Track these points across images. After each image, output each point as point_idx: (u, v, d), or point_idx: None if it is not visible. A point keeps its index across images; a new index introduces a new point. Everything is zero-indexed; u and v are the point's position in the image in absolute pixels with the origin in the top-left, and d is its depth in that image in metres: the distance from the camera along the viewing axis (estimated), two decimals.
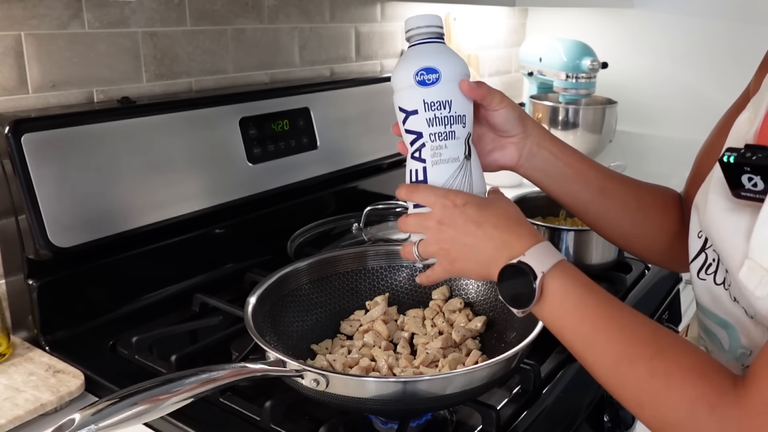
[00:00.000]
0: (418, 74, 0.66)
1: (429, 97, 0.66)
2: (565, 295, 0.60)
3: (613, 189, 0.78)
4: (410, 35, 0.69)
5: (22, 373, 0.83)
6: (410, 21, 0.69)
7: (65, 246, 0.88)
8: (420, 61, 0.67)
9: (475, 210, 0.64)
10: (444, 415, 0.78)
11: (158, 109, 1.01)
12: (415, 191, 0.67)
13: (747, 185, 0.55)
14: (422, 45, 0.68)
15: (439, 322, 0.87)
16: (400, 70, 0.68)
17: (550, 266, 0.60)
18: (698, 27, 1.84)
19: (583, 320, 0.59)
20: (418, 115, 0.67)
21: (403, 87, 0.68)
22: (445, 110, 0.66)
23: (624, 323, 0.58)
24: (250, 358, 0.83)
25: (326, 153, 1.26)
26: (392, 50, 1.59)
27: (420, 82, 0.66)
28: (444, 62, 0.67)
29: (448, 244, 0.65)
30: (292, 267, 0.88)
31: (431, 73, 0.66)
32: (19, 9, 0.92)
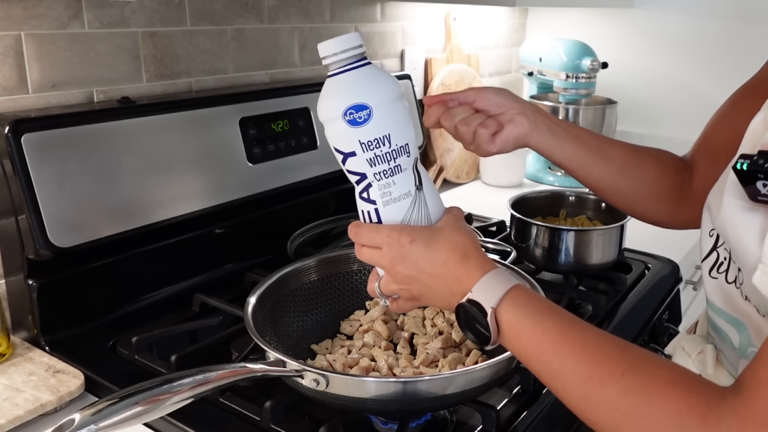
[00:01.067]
0: (346, 113, 0.60)
1: (364, 136, 0.61)
2: (519, 325, 0.58)
3: (611, 151, 0.81)
4: (328, 63, 0.62)
5: (22, 373, 0.83)
6: (324, 47, 0.61)
7: (65, 246, 0.88)
8: (345, 97, 0.60)
9: (423, 247, 0.62)
10: (444, 415, 0.78)
11: (158, 109, 1.01)
12: (359, 232, 0.66)
13: (762, 190, 0.54)
14: (343, 74, 0.61)
15: (439, 322, 0.87)
16: (325, 106, 0.62)
17: (499, 299, 0.59)
18: (698, 27, 1.84)
19: (543, 347, 0.56)
20: (356, 156, 0.62)
21: (332, 125, 0.62)
22: (385, 146, 0.62)
23: (588, 342, 0.55)
24: (250, 358, 0.83)
25: (326, 153, 1.25)
26: (392, 50, 1.59)
27: (350, 122, 0.60)
28: (371, 92, 0.61)
29: (405, 283, 0.64)
30: (292, 267, 0.88)
31: (361, 110, 0.60)
32: (19, 9, 0.92)
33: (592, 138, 0.81)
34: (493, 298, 0.59)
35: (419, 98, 1.61)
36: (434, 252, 0.62)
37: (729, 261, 0.62)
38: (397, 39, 1.60)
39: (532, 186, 1.77)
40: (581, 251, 1.12)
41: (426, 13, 1.66)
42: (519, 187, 1.76)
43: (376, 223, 0.66)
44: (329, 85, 0.62)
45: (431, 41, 1.71)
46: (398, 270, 0.63)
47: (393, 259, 0.63)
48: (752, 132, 0.64)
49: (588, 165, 0.81)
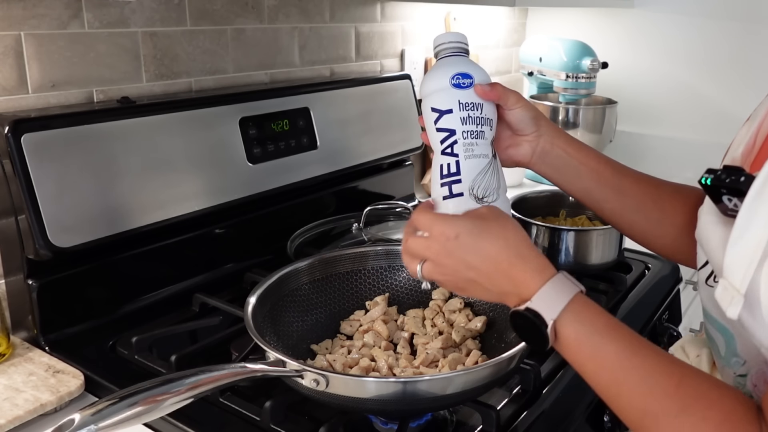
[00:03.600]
0: (454, 78, 0.71)
1: (464, 98, 0.71)
2: (578, 343, 0.58)
3: (629, 188, 0.78)
4: (441, 48, 0.74)
5: (22, 373, 0.83)
6: (440, 37, 0.75)
7: (65, 246, 0.88)
8: (455, 67, 0.72)
9: (471, 241, 0.62)
10: (444, 415, 0.78)
11: (158, 109, 1.01)
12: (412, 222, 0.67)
13: (729, 205, 0.55)
14: (453, 57, 0.73)
15: (439, 322, 0.87)
16: (433, 76, 0.73)
17: (560, 311, 0.58)
18: (699, 27, 1.84)
19: (602, 369, 0.57)
20: (452, 114, 0.70)
21: (437, 89, 0.72)
22: (477, 111, 0.71)
23: (645, 373, 0.55)
24: (250, 358, 0.83)
25: (326, 153, 1.26)
26: (392, 50, 1.59)
27: (455, 84, 0.71)
28: (475, 70, 0.72)
29: (451, 275, 0.64)
30: (292, 267, 0.88)
31: (466, 78, 0.71)
32: (19, 9, 0.92)
33: (611, 171, 0.78)
34: (555, 309, 0.58)
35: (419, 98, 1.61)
36: (483, 249, 0.61)
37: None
38: (397, 39, 1.60)
39: (532, 186, 1.77)
40: (581, 251, 1.12)
41: (426, 13, 1.66)
42: (519, 187, 1.76)
43: (454, 173, 0.69)
44: (439, 63, 0.73)
45: (431, 41, 1.71)
46: (445, 262, 0.63)
47: (439, 251, 0.63)
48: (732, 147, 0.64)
49: (599, 200, 0.78)
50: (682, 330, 1.24)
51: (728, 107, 1.81)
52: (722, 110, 1.82)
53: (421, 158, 1.71)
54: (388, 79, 1.44)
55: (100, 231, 0.92)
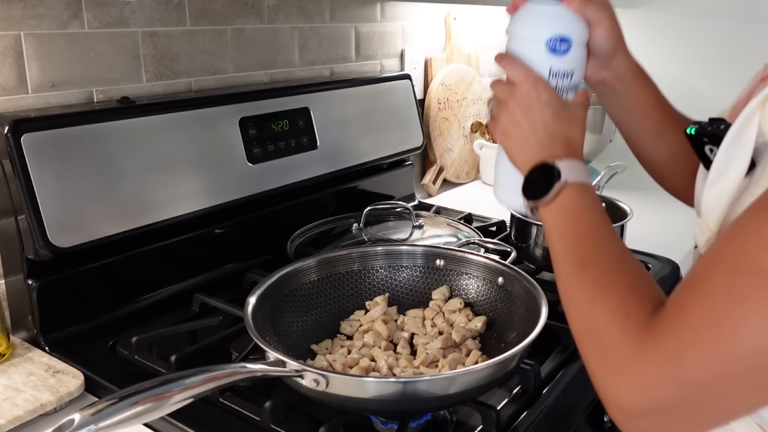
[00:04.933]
0: (550, 41, 0.65)
1: (556, 65, 0.67)
2: (571, 205, 0.63)
3: (670, 134, 0.81)
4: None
5: (22, 374, 0.83)
6: None
7: (65, 246, 0.88)
8: (555, 25, 0.66)
9: (552, 115, 0.66)
10: (444, 415, 0.78)
11: (158, 109, 1.01)
12: (508, 62, 0.69)
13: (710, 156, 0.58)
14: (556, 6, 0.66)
15: (439, 322, 0.87)
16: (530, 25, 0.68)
17: (576, 180, 0.63)
18: (699, 27, 1.84)
19: (572, 230, 0.62)
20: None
21: (530, 45, 0.67)
22: (567, 80, 0.68)
23: (605, 246, 0.60)
24: (250, 358, 0.83)
25: (326, 153, 1.26)
26: (392, 50, 1.59)
27: (552, 49, 0.66)
28: (576, 29, 0.66)
29: (510, 120, 0.67)
30: (292, 267, 0.88)
31: (564, 42, 0.65)
32: (18, 9, 0.92)
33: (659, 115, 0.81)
34: (573, 177, 0.63)
35: (419, 98, 1.61)
36: (554, 126, 0.66)
37: None
38: (397, 39, 1.60)
39: None
40: None
41: (426, 13, 1.66)
42: None
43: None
44: (539, 9, 0.67)
45: (431, 41, 1.71)
46: (517, 111, 0.67)
47: (520, 101, 0.67)
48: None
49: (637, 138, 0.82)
50: None
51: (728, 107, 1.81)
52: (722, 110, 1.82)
53: (421, 158, 1.71)
54: (388, 79, 1.44)
55: (100, 231, 0.92)
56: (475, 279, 0.91)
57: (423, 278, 0.94)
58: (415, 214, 1.25)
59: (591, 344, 0.55)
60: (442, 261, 0.94)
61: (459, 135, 1.77)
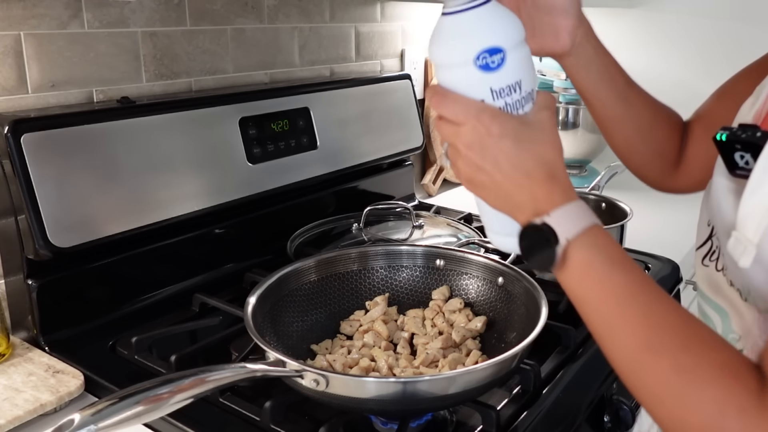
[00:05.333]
0: (479, 58, 0.54)
1: (497, 83, 0.55)
2: (589, 268, 0.54)
3: (635, 99, 0.78)
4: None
5: (22, 374, 0.83)
6: None
7: (65, 246, 0.88)
8: (478, 38, 0.54)
9: (512, 146, 0.55)
10: (444, 415, 0.78)
11: (158, 109, 1.01)
12: (443, 101, 0.57)
13: (740, 163, 0.55)
14: (469, 12, 0.54)
15: (439, 322, 0.87)
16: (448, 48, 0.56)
17: (577, 232, 0.54)
18: (699, 27, 1.84)
19: (606, 299, 0.54)
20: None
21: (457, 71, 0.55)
22: (516, 93, 0.56)
23: (652, 308, 0.52)
24: (250, 358, 0.83)
25: (326, 153, 1.26)
26: (392, 50, 1.59)
27: (483, 66, 0.54)
28: (505, 33, 0.54)
29: (472, 170, 0.57)
30: (292, 267, 0.88)
31: (495, 54, 0.54)
32: (18, 9, 0.92)
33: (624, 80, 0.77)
34: (572, 230, 0.54)
35: (419, 98, 1.61)
36: (520, 158, 0.55)
37: (719, 249, 0.63)
38: (397, 39, 1.60)
39: None
40: None
41: (426, 13, 1.66)
42: None
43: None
44: (451, 24, 0.55)
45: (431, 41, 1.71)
46: (471, 155, 0.56)
47: (471, 143, 0.56)
48: (741, 115, 0.65)
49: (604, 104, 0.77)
50: None
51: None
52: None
53: (421, 158, 1.71)
54: (388, 79, 1.44)
55: (100, 231, 0.92)
56: (475, 279, 0.91)
57: (423, 278, 0.94)
58: (415, 214, 1.25)
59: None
60: (442, 261, 0.94)
61: None
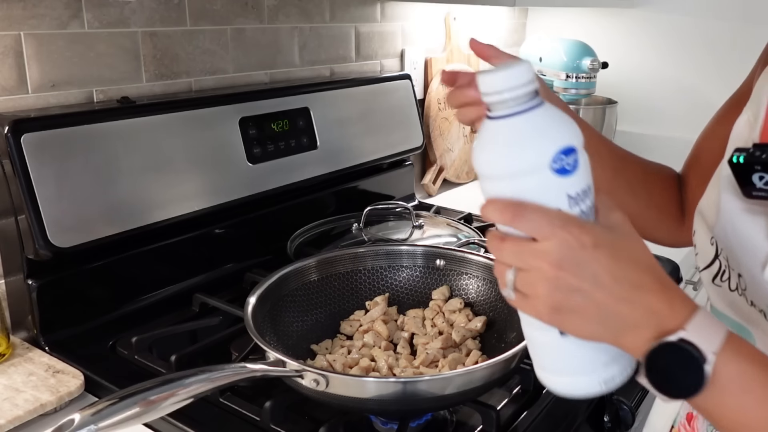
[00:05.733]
0: (555, 160, 0.46)
1: (573, 188, 0.47)
2: (745, 383, 0.46)
3: (623, 170, 0.77)
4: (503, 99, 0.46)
5: (22, 374, 0.83)
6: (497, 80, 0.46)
7: (65, 246, 0.88)
8: (551, 138, 0.46)
9: (609, 256, 0.47)
10: (444, 415, 0.78)
11: (158, 109, 1.01)
12: (521, 214, 0.47)
13: (758, 184, 0.52)
14: (534, 111, 0.47)
15: (439, 322, 0.87)
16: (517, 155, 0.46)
17: (721, 343, 0.46)
18: (699, 27, 1.84)
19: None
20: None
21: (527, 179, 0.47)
22: (588, 199, 0.48)
23: None
24: (250, 358, 0.83)
25: (326, 153, 1.26)
26: (392, 50, 1.59)
27: (559, 170, 0.46)
28: (574, 131, 0.47)
29: (564, 294, 0.47)
30: (292, 267, 0.88)
31: (570, 154, 0.46)
32: (18, 9, 0.92)
33: (608, 152, 0.75)
34: (715, 341, 0.46)
35: (419, 98, 1.61)
36: (622, 268, 0.47)
37: (729, 269, 0.61)
38: (397, 39, 1.60)
39: None
40: None
41: (426, 13, 1.66)
42: None
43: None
44: (513, 128, 0.47)
45: (431, 41, 1.71)
46: (564, 275, 0.47)
47: (562, 261, 0.46)
48: (737, 134, 0.64)
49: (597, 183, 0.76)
50: None
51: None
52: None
53: (421, 158, 1.71)
54: (388, 79, 1.44)
55: (100, 231, 0.92)
56: (475, 279, 0.91)
57: (423, 278, 0.94)
58: (415, 214, 1.25)
59: None
60: (442, 261, 0.94)
61: (459, 135, 1.77)
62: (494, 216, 0.49)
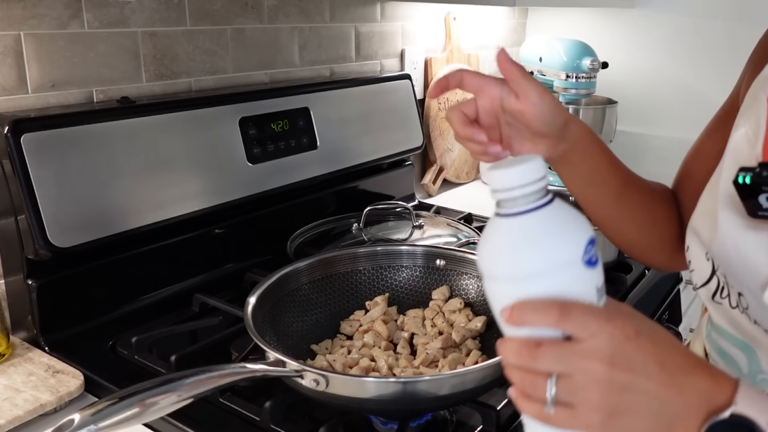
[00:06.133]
0: (586, 252, 0.45)
1: (599, 279, 0.47)
2: None
3: (628, 197, 0.74)
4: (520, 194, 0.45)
5: (22, 374, 0.83)
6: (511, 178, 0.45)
7: (65, 246, 0.88)
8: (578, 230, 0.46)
9: (651, 343, 0.45)
10: (444, 415, 0.78)
11: (158, 109, 1.01)
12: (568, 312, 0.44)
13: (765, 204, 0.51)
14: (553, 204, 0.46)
15: (439, 322, 0.87)
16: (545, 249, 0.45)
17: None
18: (699, 27, 1.84)
19: None
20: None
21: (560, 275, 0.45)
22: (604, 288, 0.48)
23: None
24: (250, 358, 0.83)
25: (326, 153, 1.26)
26: (392, 50, 1.59)
27: (589, 262, 0.45)
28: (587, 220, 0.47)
29: (619, 394, 0.44)
30: (292, 267, 0.88)
31: (594, 245, 0.46)
32: (18, 9, 0.92)
33: (617, 180, 0.73)
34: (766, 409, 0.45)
35: (419, 98, 1.61)
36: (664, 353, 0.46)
37: (728, 286, 0.60)
38: (397, 39, 1.60)
39: None
40: None
41: (426, 13, 1.66)
42: None
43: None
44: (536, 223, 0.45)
45: (431, 41, 1.71)
46: (616, 373, 0.44)
47: (614, 356, 0.44)
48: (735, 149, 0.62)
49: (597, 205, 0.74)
50: (682, 330, 1.24)
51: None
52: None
53: (421, 158, 1.71)
54: (388, 79, 1.44)
55: (100, 231, 0.92)
56: (475, 279, 0.91)
57: (423, 278, 0.94)
58: (415, 214, 1.25)
59: None
60: (442, 261, 0.94)
61: None
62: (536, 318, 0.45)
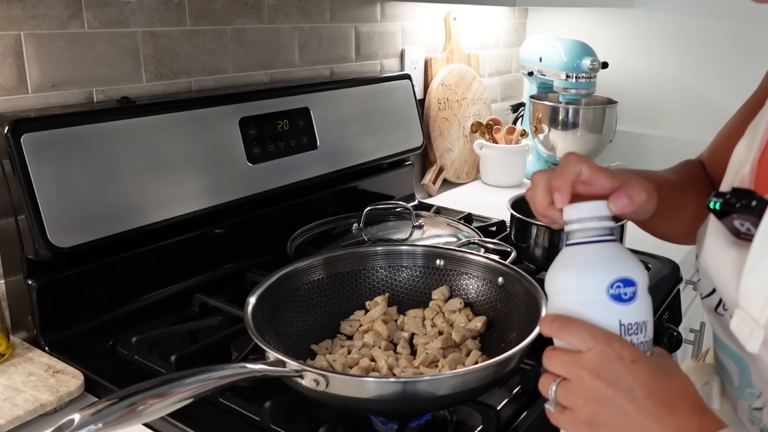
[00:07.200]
0: (613, 286, 0.52)
1: (626, 317, 0.53)
2: None
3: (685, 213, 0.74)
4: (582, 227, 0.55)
5: (22, 374, 0.83)
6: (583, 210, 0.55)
7: (65, 246, 0.88)
8: (613, 266, 0.53)
9: (647, 374, 0.50)
10: (444, 415, 0.78)
11: (158, 109, 1.01)
12: (566, 327, 0.53)
13: (741, 229, 0.53)
14: (604, 243, 0.55)
15: (439, 322, 0.87)
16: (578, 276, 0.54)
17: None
18: (699, 27, 1.84)
19: None
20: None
21: (584, 296, 0.54)
22: (642, 334, 0.53)
23: None
24: (250, 358, 0.83)
25: (326, 153, 1.26)
26: (392, 50, 1.59)
27: (615, 296, 0.52)
28: (639, 270, 0.54)
29: (599, 404, 0.50)
30: (292, 267, 0.88)
31: (629, 286, 0.52)
32: (18, 9, 0.92)
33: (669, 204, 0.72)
34: None
35: (419, 98, 1.61)
36: (657, 386, 0.50)
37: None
38: (397, 39, 1.60)
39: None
40: None
41: (426, 13, 1.66)
42: (519, 187, 1.75)
43: None
44: (584, 252, 0.55)
45: (431, 41, 1.71)
46: (599, 384, 0.50)
47: (599, 368, 0.50)
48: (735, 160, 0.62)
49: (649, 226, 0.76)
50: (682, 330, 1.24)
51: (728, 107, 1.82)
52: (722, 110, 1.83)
53: (421, 158, 1.71)
54: (388, 79, 1.44)
55: (100, 231, 0.92)
56: (475, 279, 0.91)
57: (423, 278, 0.94)
58: (415, 214, 1.25)
59: None
60: (442, 261, 0.94)
61: (459, 135, 1.77)
62: (542, 326, 0.55)
